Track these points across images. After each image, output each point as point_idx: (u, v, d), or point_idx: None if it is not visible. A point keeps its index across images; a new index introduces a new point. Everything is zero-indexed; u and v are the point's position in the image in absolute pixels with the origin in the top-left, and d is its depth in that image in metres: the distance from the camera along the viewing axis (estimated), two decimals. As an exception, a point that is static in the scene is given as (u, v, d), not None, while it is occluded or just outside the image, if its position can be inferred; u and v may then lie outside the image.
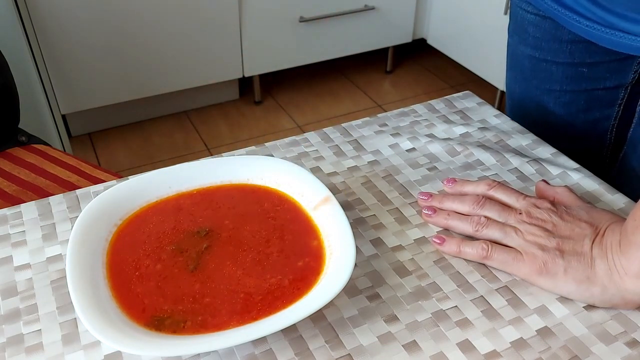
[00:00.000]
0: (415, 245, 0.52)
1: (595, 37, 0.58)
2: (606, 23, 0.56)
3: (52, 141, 1.61)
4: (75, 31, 1.65)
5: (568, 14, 0.60)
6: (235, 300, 0.44)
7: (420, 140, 0.65)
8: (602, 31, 0.57)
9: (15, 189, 0.81)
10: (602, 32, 0.57)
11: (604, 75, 0.67)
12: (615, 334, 0.45)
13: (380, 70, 2.33)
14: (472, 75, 2.12)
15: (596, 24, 0.57)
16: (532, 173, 0.60)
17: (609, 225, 0.48)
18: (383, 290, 0.48)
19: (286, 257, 0.48)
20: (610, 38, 0.57)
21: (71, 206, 0.56)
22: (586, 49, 0.65)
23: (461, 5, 2.01)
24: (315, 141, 0.65)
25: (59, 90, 1.73)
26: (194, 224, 0.51)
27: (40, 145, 0.91)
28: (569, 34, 0.65)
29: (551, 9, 0.62)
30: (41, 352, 0.43)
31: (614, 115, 0.70)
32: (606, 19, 0.56)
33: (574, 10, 0.59)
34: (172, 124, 2.00)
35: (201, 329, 0.42)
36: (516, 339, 0.44)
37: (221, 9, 1.80)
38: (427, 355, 0.43)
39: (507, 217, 0.51)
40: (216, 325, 0.42)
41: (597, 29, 0.57)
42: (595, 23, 0.57)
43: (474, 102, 0.72)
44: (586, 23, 0.58)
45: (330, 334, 0.44)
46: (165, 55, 1.80)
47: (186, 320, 0.43)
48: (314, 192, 0.52)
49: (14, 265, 0.50)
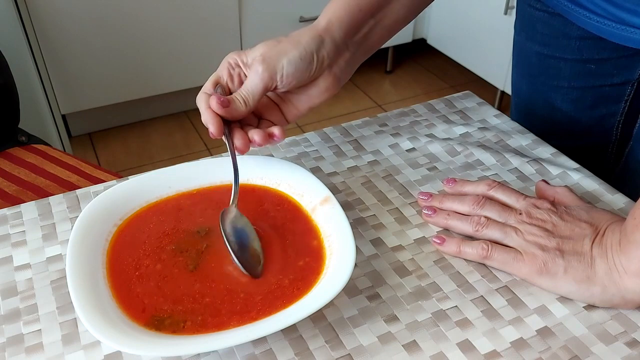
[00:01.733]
0: (415, 245, 0.52)
1: (606, 33, 0.59)
2: (617, 19, 0.56)
3: (52, 141, 1.61)
4: (75, 31, 1.65)
5: (578, 10, 0.60)
6: (235, 300, 0.44)
7: (420, 140, 0.65)
8: (613, 27, 0.57)
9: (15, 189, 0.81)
10: (613, 28, 0.57)
11: (611, 71, 0.67)
12: (615, 334, 0.45)
13: (380, 70, 2.33)
14: (472, 75, 2.12)
15: (607, 20, 0.57)
16: (532, 173, 0.61)
17: (609, 225, 0.48)
18: (383, 290, 0.48)
19: (286, 257, 0.48)
20: (621, 34, 0.57)
21: (71, 206, 0.56)
22: (595, 46, 0.65)
23: (461, 5, 2.01)
24: (315, 141, 0.65)
25: (59, 90, 1.73)
26: (194, 224, 0.51)
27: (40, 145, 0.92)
28: (578, 31, 0.65)
29: (561, 5, 0.62)
30: (41, 352, 0.43)
31: (620, 111, 0.70)
32: (617, 14, 0.56)
33: (585, 6, 0.59)
34: (172, 124, 2.00)
35: (201, 329, 0.42)
36: (516, 339, 0.44)
37: (221, 9, 1.80)
38: (427, 355, 0.43)
39: (507, 217, 0.51)
40: (216, 325, 0.42)
41: (608, 25, 0.58)
42: (606, 19, 0.57)
43: (474, 102, 0.72)
44: (597, 19, 0.58)
45: (330, 334, 0.44)
46: (165, 55, 1.80)
47: (186, 320, 0.43)
48: (314, 192, 0.52)
49: (14, 265, 0.50)
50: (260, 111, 0.55)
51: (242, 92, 0.51)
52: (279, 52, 0.50)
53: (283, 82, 0.50)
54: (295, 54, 0.50)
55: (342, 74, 0.54)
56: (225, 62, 0.52)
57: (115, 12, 1.67)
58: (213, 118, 0.50)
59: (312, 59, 0.51)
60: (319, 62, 0.51)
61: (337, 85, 0.54)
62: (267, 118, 0.55)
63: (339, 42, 0.53)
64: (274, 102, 0.55)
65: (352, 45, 0.54)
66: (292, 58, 0.50)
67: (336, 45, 0.52)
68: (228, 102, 0.50)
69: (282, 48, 0.50)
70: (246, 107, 0.50)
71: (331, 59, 0.52)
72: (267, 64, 0.50)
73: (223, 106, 0.49)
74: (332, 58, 0.52)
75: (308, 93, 0.53)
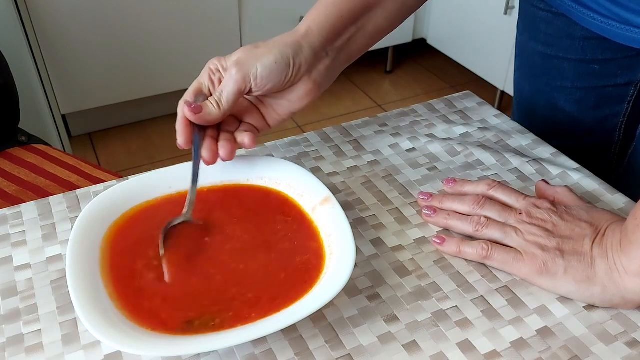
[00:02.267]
0: (415, 245, 0.52)
1: (611, 34, 0.59)
2: (621, 19, 0.56)
3: (52, 141, 1.61)
4: (75, 31, 1.65)
5: (583, 11, 0.60)
6: (236, 299, 0.44)
7: (420, 140, 0.65)
8: (617, 27, 0.57)
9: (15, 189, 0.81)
10: (617, 29, 0.57)
11: (615, 72, 0.67)
12: (615, 334, 0.45)
13: (380, 70, 2.33)
14: (472, 75, 2.12)
15: (611, 20, 0.57)
16: (532, 173, 0.61)
17: (609, 225, 0.48)
18: (383, 290, 0.48)
19: (286, 257, 0.48)
20: (625, 34, 0.57)
21: (71, 206, 0.56)
22: (598, 46, 0.65)
23: (461, 6, 2.01)
24: (315, 141, 0.65)
25: (59, 90, 1.73)
26: (193, 224, 0.51)
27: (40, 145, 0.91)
28: (582, 31, 0.65)
29: (565, 5, 0.62)
30: (41, 352, 0.43)
31: (623, 112, 0.70)
32: (622, 15, 0.56)
33: (589, 7, 0.59)
34: (172, 124, 1.97)
35: (201, 329, 0.42)
36: (516, 339, 0.44)
37: (221, 9, 1.80)
38: (427, 355, 0.43)
39: (507, 217, 0.51)
40: (216, 325, 0.42)
41: (612, 26, 0.58)
42: (610, 19, 0.57)
43: (474, 102, 0.72)
44: (601, 19, 0.58)
45: (330, 334, 0.44)
46: (165, 55, 1.80)
47: (186, 320, 0.42)
48: (314, 192, 0.52)
49: (14, 265, 0.50)
50: (240, 114, 0.55)
51: (216, 95, 0.51)
52: (255, 56, 0.51)
53: (257, 85, 0.51)
54: (271, 58, 0.51)
55: (323, 80, 0.55)
56: (206, 68, 0.53)
57: (116, 12, 1.67)
58: (183, 129, 0.52)
59: (288, 64, 0.51)
60: (296, 67, 0.52)
61: (317, 90, 0.54)
62: (248, 121, 0.55)
63: (317, 48, 0.53)
64: (254, 106, 0.56)
65: (332, 51, 0.55)
66: (266, 62, 0.50)
67: (315, 51, 0.53)
68: (200, 109, 0.51)
69: (258, 52, 0.51)
70: (219, 110, 0.51)
71: (309, 65, 0.53)
72: (240, 67, 0.50)
73: (195, 113, 0.51)
74: (311, 64, 0.53)
75: (287, 98, 0.54)
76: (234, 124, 0.55)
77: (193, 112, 0.51)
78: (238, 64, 0.50)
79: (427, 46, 2.25)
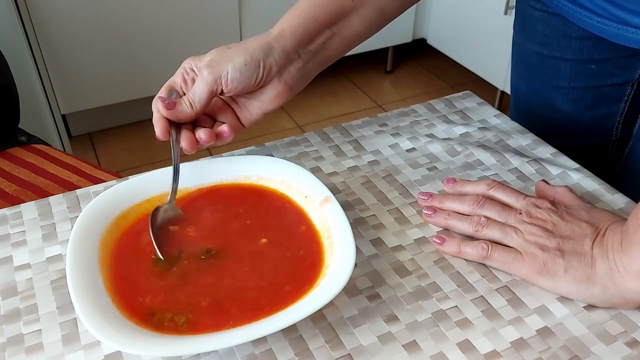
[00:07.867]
0: (415, 245, 0.52)
1: (607, 33, 0.59)
2: (618, 19, 0.57)
3: (52, 141, 1.61)
4: (75, 31, 1.65)
5: (579, 11, 0.60)
6: (236, 299, 0.44)
7: (420, 140, 0.65)
8: (613, 27, 0.57)
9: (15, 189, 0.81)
10: (614, 28, 0.57)
11: (611, 71, 0.67)
12: (615, 334, 0.45)
13: (380, 70, 2.33)
14: (472, 75, 2.12)
15: (607, 20, 0.58)
16: (532, 173, 0.61)
17: (609, 225, 0.48)
18: (383, 290, 0.48)
19: (286, 257, 0.48)
20: (622, 34, 0.57)
21: (71, 206, 0.56)
22: (595, 46, 0.66)
23: (461, 6, 2.01)
24: (315, 141, 0.65)
25: (59, 90, 1.73)
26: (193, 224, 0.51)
27: (40, 145, 0.91)
28: (578, 31, 0.65)
29: (561, 5, 0.62)
30: (41, 352, 0.43)
31: (620, 111, 0.70)
32: (618, 15, 0.56)
33: (585, 6, 0.59)
34: (172, 124, 1.99)
35: (201, 329, 0.42)
36: (516, 339, 0.44)
37: (221, 9, 1.80)
38: (427, 355, 0.43)
39: (507, 217, 0.51)
40: (216, 325, 0.42)
41: (608, 25, 0.58)
42: (607, 19, 0.58)
43: (474, 102, 0.72)
44: (597, 19, 0.58)
45: (330, 334, 0.44)
46: (165, 55, 1.80)
47: (186, 320, 0.43)
48: (314, 192, 0.52)
49: (14, 265, 0.50)
50: (214, 113, 0.57)
51: (189, 95, 0.53)
52: (226, 57, 0.52)
53: (228, 86, 0.52)
54: (241, 60, 0.51)
55: (294, 82, 0.55)
56: (181, 67, 0.55)
57: (116, 12, 1.67)
58: (159, 121, 0.53)
59: (258, 65, 0.52)
60: (266, 69, 0.52)
61: (289, 92, 0.55)
62: (222, 120, 0.56)
63: (289, 50, 0.54)
64: (228, 106, 0.57)
65: (305, 54, 0.55)
66: (236, 64, 0.51)
67: (286, 53, 0.54)
68: (173, 105, 0.52)
69: (230, 54, 0.52)
70: (192, 109, 0.53)
71: (280, 67, 0.53)
72: (211, 69, 0.52)
73: (168, 108, 0.52)
74: (282, 65, 0.54)
75: (260, 99, 0.55)
76: (209, 122, 0.56)
77: (166, 107, 0.52)
78: (210, 66, 0.52)
79: (427, 46, 2.25)
